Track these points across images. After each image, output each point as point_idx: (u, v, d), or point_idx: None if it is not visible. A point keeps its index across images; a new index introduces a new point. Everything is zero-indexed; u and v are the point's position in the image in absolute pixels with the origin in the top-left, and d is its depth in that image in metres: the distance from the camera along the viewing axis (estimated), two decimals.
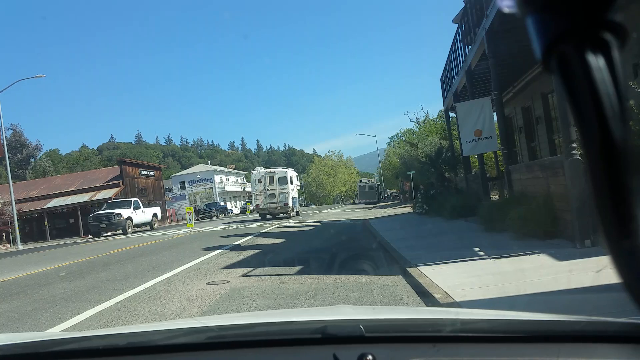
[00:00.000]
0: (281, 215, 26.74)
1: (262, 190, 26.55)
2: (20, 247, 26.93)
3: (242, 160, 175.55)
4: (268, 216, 26.67)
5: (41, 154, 61.82)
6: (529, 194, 8.74)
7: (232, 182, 74.70)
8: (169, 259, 10.57)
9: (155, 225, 31.02)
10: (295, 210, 28.15)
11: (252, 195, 28.57)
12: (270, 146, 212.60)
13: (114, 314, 5.53)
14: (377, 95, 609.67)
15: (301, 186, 39.32)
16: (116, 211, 27.12)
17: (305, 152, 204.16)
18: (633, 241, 0.47)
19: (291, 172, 28.72)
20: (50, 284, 8.37)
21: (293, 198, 27.65)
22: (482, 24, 10.17)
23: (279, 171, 27.78)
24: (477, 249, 7.63)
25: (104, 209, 28.40)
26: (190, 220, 23.20)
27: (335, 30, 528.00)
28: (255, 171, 28.34)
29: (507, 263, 6.21)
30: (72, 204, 38.22)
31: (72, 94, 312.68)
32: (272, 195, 26.36)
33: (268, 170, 28.28)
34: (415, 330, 1.34)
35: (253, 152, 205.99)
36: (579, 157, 6.33)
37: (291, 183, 27.48)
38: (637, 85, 6.13)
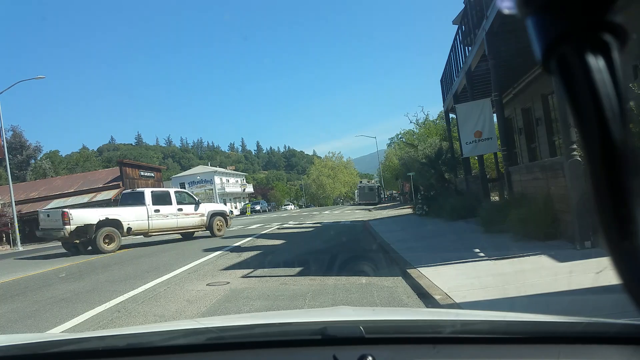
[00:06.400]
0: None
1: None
2: (20, 248, 26.91)
3: (242, 161, 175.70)
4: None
5: (41, 155, 61.79)
6: (529, 195, 8.74)
7: (232, 183, 74.65)
8: (169, 260, 10.56)
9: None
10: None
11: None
12: (270, 147, 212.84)
13: (113, 315, 5.53)
14: (377, 97, 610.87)
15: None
16: None
17: (305, 153, 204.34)
18: (633, 242, 0.47)
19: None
20: (50, 285, 8.36)
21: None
22: (482, 25, 10.17)
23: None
24: (477, 250, 7.63)
25: None
26: None
27: (335, 32, 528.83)
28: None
29: (507, 264, 6.21)
30: (72, 205, 38.19)
31: (72, 95, 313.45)
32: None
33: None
34: (415, 332, 1.34)
35: (253, 153, 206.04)
36: (579, 159, 6.33)
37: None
38: (637, 86, 6.13)
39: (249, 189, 79.47)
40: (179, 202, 16.64)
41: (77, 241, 14.34)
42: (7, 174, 29.44)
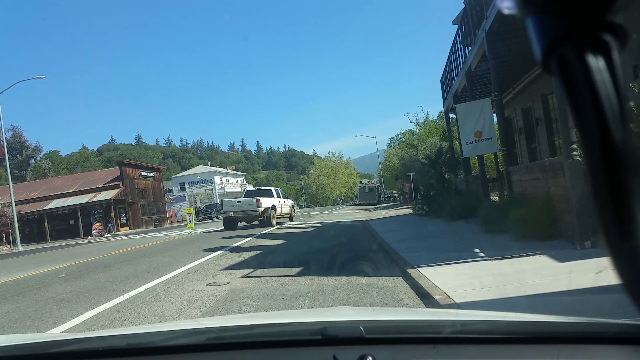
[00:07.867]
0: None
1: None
2: (20, 248, 26.93)
3: (242, 161, 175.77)
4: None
5: (41, 155, 61.84)
6: (529, 195, 8.74)
7: (232, 183, 74.71)
8: (169, 260, 10.56)
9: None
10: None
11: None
12: (270, 147, 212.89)
13: (113, 316, 5.53)
14: (377, 97, 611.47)
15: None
16: None
17: (305, 153, 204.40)
18: (633, 242, 0.47)
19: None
20: (50, 285, 8.37)
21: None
22: (482, 25, 10.17)
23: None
24: (477, 250, 7.63)
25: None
26: (190, 221, 23.21)
27: (336, 32, 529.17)
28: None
29: (507, 264, 6.20)
30: (72, 205, 38.22)
31: (72, 95, 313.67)
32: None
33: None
34: (415, 332, 1.34)
35: (253, 153, 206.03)
36: (579, 159, 6.33)
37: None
38: (637, 86, 6.13)
39: (249, 189, 79.48)
40: (283, 197, 23.96)
41: (261, 218, 20.37)
42: (7, 174, 29.44)
